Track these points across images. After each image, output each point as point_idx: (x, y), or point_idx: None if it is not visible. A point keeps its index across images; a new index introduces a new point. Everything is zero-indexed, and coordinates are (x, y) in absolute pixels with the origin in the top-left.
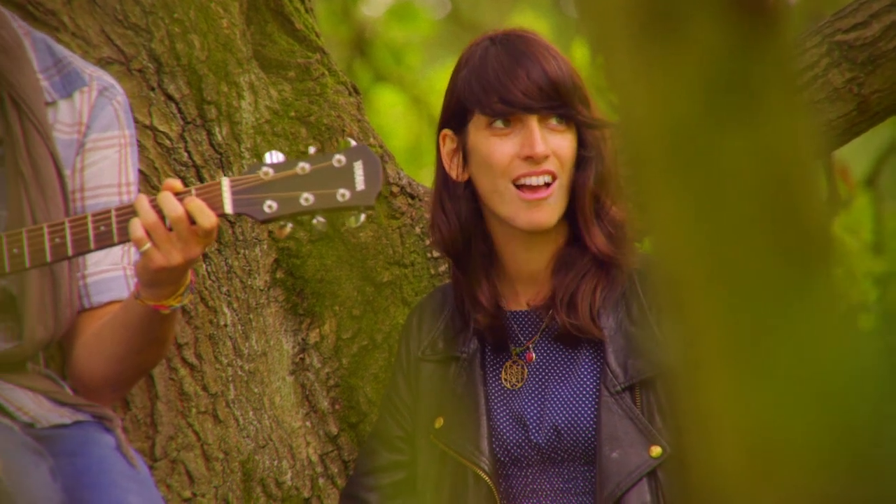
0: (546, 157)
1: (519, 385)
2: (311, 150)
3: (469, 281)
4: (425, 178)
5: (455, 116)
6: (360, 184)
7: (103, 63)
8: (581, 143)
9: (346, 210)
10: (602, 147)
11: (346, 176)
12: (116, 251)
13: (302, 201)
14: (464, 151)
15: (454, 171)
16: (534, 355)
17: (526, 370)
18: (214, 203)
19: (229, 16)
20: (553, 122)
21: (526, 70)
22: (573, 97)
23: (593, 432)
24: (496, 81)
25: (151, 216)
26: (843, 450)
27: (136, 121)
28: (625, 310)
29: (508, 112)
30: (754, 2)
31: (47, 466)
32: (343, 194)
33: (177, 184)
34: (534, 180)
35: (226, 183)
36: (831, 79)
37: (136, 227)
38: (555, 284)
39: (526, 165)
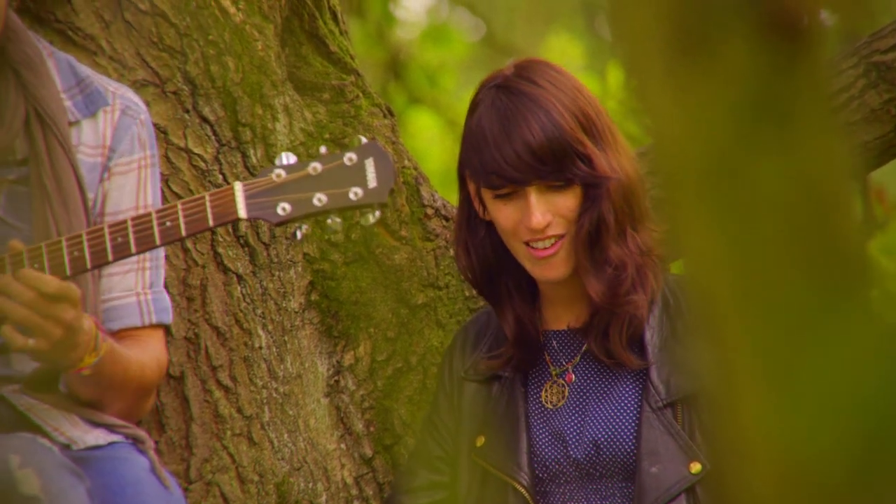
0: (547, 226)
1: (560, 404)
2: (323, 150)
3: (495, 312)
4: (454, 235)
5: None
6: (372, 181)
7: (138, 85)
8: (584, 193)
9: (359, 208)
10: (599, 195)
11: (357, 174)
12: (130, 276)
13: (315, 202)
14: (481, 197)
15: (479, 208)
16: (573, 377)
17: (566, 389)
18: (228, 208)
19: (264, 38)
20: (554, 182)
21: (512, 142)
22: (565, 159)
23: (633, 447)
24: (488, 156)
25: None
26: (879, 471)
27: (170, 143)
28: (669, 327)
29: (502, 185)
30: (788, 23)
31: (84, 487)
32: (356, 192)
33: (17, 245)
34: (540, 245)
35: (238, 187)
36: (868, 100)
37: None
38: (590, 313)
39: (530, 233)
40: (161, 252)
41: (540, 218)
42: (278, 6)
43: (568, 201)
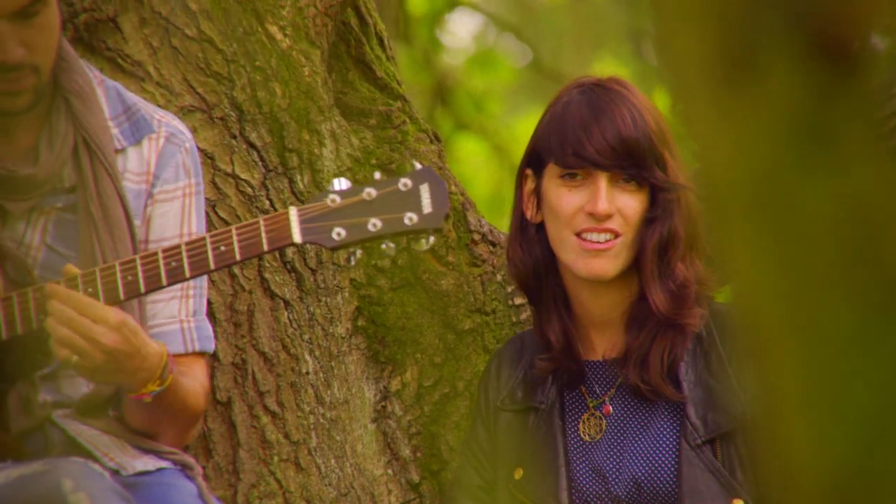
0: (609, 216)
1: (597, 437)
2: (377, 175)
3: (540, 318)
4: (506, 226)
5: (535, 159)
6: (426, 206)
7: (185, 111)
8: (652, 202)
9: (413, 234)
10: (672, 206)
11: (412, 199)
12: (174, 304)
13: (370, 227)
14: (538, 194)
15: (530, 211)
16: (611, 408)
17: (604, 422)
18: (283, 233)
19: (311, 64)
20: (623, 181)
21: (602, 127)
22: (646, 158)
23: (674, 486)
24: (572, 135)
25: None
26: None
27: (217, 169)
28: (703, 362)
29: (579, 165)
30: (838, 47)
31: None
32: (410, 218)
33: (72, 270)
34: (594, 236)
35: (293, 212)
36: None
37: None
38: (628, 341)
39: (589, 220)
40: (204, 280)
41: (606, 204)
42: (325, 32)
43: (634, 202)
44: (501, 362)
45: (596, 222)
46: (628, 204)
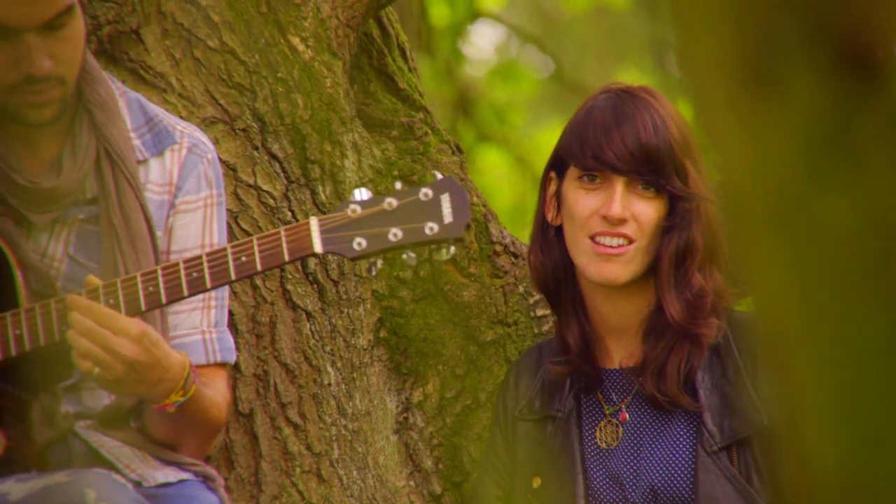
0: (623, 221)
1: (614, 444)
2: (398, 185)
3: (559, 322)
4: (528, 237)
5: (558, 161)
6: (447, 216)
7: (207, 123)
8: (670, 211)
9: (434, 243)
10: (691, 216)
11: (433, 209)
12: (196, 315)
13: (391, 237)
14: (559, 197)
15: (551, 213)
16: (627, 416)
17: (621, 429)
18: (304, 243)
19: (333, 75)
20: (640, 187)
21: (622, 132)
22: (666, 166)
23: (690, 492)
24: (593, 138)
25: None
26: None
27: (239, 180)
28: (720, 369)
29: (597, 168)
30: (860, 57)
31: None
32: (431, 228)
33: (93, 281)
34: (607, 240)
35: (314, 222)
36: None
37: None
38: (645, 351)
39: (603, 224)
40: (226, 291)
41: (620, 209)
42: (347, 43)
43: (650, 209)
44: (519, 373)
45: (610, 226)
46: (644, 210)
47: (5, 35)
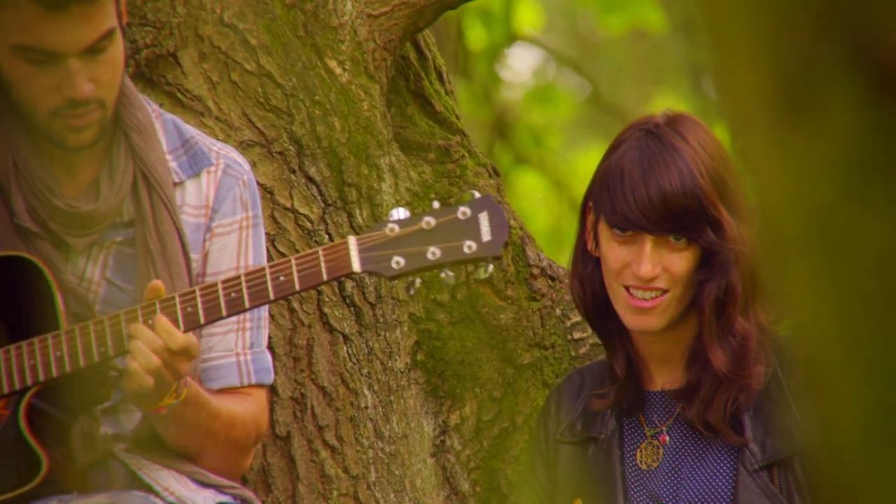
0: (654, 278)
1: (654, 465)
2: (435, 204)
3: (606, 349)
4: (566, 260)
5: (594, 198)
6: (485, 235)
7: (244, 146)
8: (705, 260)
9: (473, 262)
10: (728, 263)
11: (471, 228)
12: (230, 337)
13: (429, 255)
14: (596, 231)
15: (590, 244)
16: (668, 438)
17: (661, 451)
18: (342, 262)
19: (370, 98)
20: (672, 238)
21: (648, 191)
22: (695, 221)
23: None
24: (620, 196)
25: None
26: None
27: (277, 203)
28: (763, 389)
29: (625, 227)
30: None
31: None
32: (469, 246)
33: (158, 286)
34: (640, 293)
35: (352, 242)
36: None
37: (140, 373)
38: (688, 377)
39: (635, 279)
40: (263, 312)
41: (650, 269)
42: (384, 66)
43: (682, 261)
44: (561, 397)
45: (641, 282)
46: (675, 262)
47: (49, 60)
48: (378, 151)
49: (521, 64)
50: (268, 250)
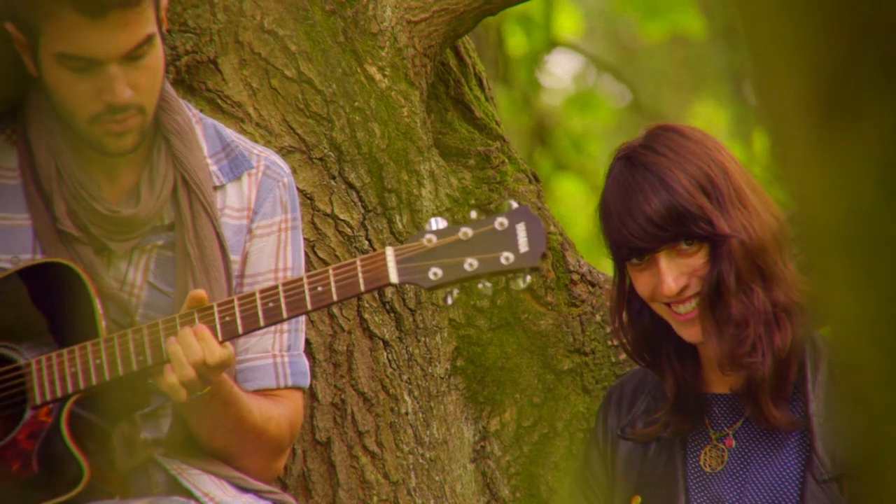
0: (683, 289)
1: (718, 468)
2: (473, 214)
3: (657, 375)
4: (605, 266)
5: None
6: (523, 245)
7: (284, 152)
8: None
9: (510, 273)
10: (721, 254)
11: (508, 239)
12: (268, 338)
13: (466, 266)
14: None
15: (626, 283)
16: (734, 442)
17: (726, 454)
18: (380, 273)
19: (410, 104)
20: (683, 245)
21: (633, 214)
22: (685, 219)
23: None
24: (615, 230)
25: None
26: None
27: (316, 209)
28: (835, 395)
29: (631, 256)
30: None
31: None
32: (507, 257)
33: (200, 295)
34: (679, 308)
35: (390, 252)
36: None
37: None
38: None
39: (667, 298)
40: (301, 316)
41: (672, 284)
42: (424, 72)
43: (699, 261)
44: (622, 393)
45: (673, 298)
46: (695, 263)
47: (89, 67)
48: (418, 157)
49: (560, 70)
50: (307, 256)
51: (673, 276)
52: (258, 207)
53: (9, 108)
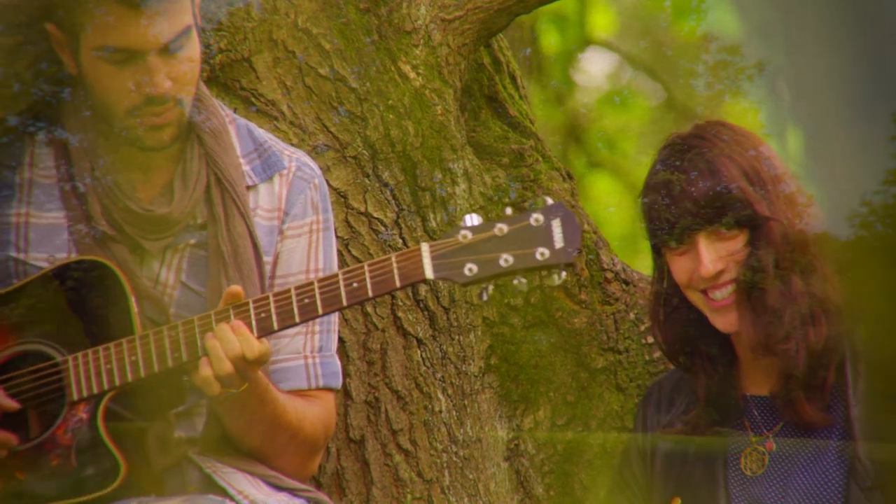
0: (720, 273)
1: (759, 472)
2: (508, 210)
3: (690, 377)
4: (640, 265)
5: None
6: (558, 241)
7: (318, 150)
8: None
9: (545, 269)
10: (761, 238)
11: (544, 234)
12: (299, 340)
13: (501, 262)
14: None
15: (665, 281)
16: (774, 445)
17: (767, 458)
18: (415, 269)
19: (443, 102)
20: (723, 229)
21: (676, 200)
22: (725, 200)
23: None
24: (656, 216)
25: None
26: None
27: (350, 207)
28: (881, 400)
29: (671, 238)
30: None
31: None
32: (542, 253)
33: (237, 291)
34: (715, 294)
35: (425, 248)
36: None
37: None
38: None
39: (704, 282)
40: (334, 316)
41: (710, 266)
42: (458, 71)
43: (737, 245)
44: (662, 392)
45: (709, 282)
46: (733, 248)
47: (129, 58)
48: (452, 156)
49: (594, 68)
50: (341, 254)
51: (711, 258)
52: (289, 208)
53: (44, 108)
